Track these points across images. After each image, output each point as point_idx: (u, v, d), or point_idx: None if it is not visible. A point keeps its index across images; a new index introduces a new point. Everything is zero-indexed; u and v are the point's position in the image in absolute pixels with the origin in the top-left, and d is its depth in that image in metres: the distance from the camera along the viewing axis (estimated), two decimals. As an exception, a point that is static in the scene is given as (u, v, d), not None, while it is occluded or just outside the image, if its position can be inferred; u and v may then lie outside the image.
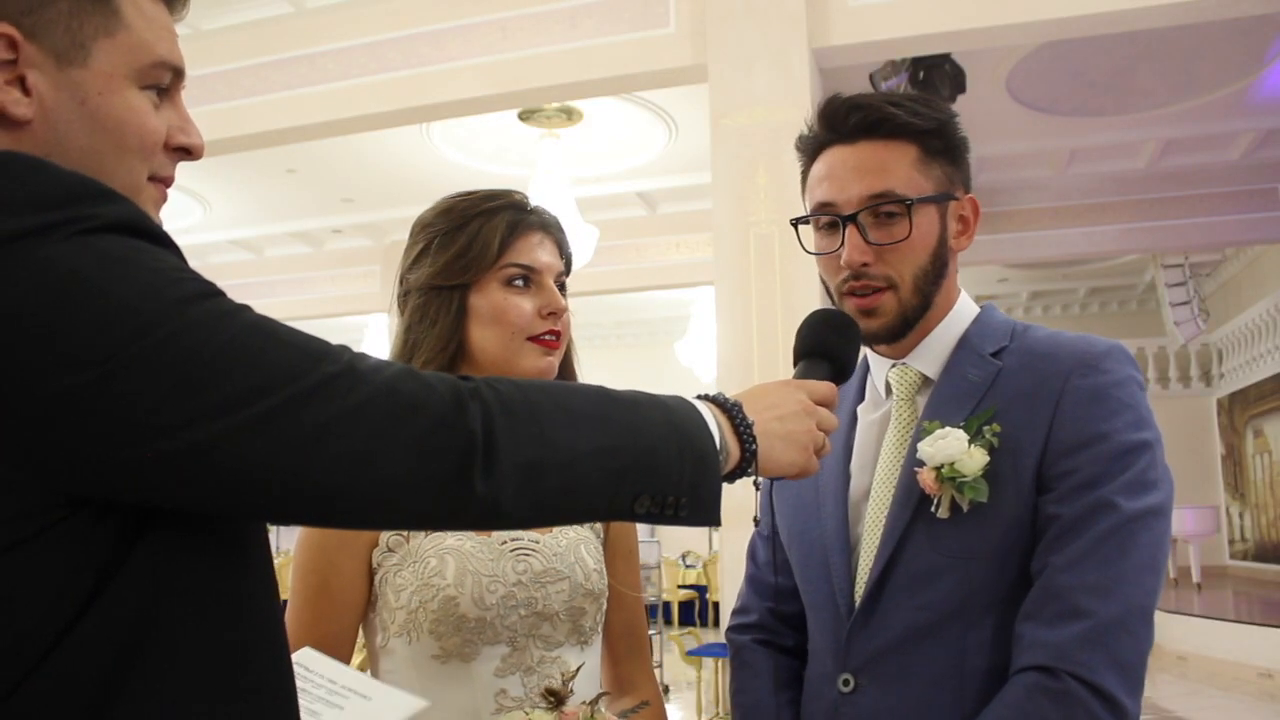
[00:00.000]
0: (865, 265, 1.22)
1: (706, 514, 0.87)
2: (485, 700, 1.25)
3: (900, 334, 1.25)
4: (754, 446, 0.92)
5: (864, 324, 1.24)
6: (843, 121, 1.25)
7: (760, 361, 4.45)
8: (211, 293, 0.72)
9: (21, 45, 0.76)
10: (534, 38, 5.16)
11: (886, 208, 1.21)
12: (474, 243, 1.33)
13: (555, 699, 1.20)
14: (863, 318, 1.24)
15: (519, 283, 1.34)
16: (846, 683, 1.22)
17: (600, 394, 0.85)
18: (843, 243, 1.23)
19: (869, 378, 1.34)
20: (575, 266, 1.43)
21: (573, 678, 1.23)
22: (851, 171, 1.23)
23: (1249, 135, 7.72)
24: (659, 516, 0.84)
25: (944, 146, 1.25)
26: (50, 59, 0.77)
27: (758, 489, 0.98)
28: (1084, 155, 8.10)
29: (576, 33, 5.10)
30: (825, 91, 4.83)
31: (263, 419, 0.68)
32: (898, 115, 1.23)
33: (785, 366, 4.56)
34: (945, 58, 5.54)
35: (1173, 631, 9.01)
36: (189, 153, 0.87)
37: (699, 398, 0.93)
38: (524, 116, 6.69)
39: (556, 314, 1.34)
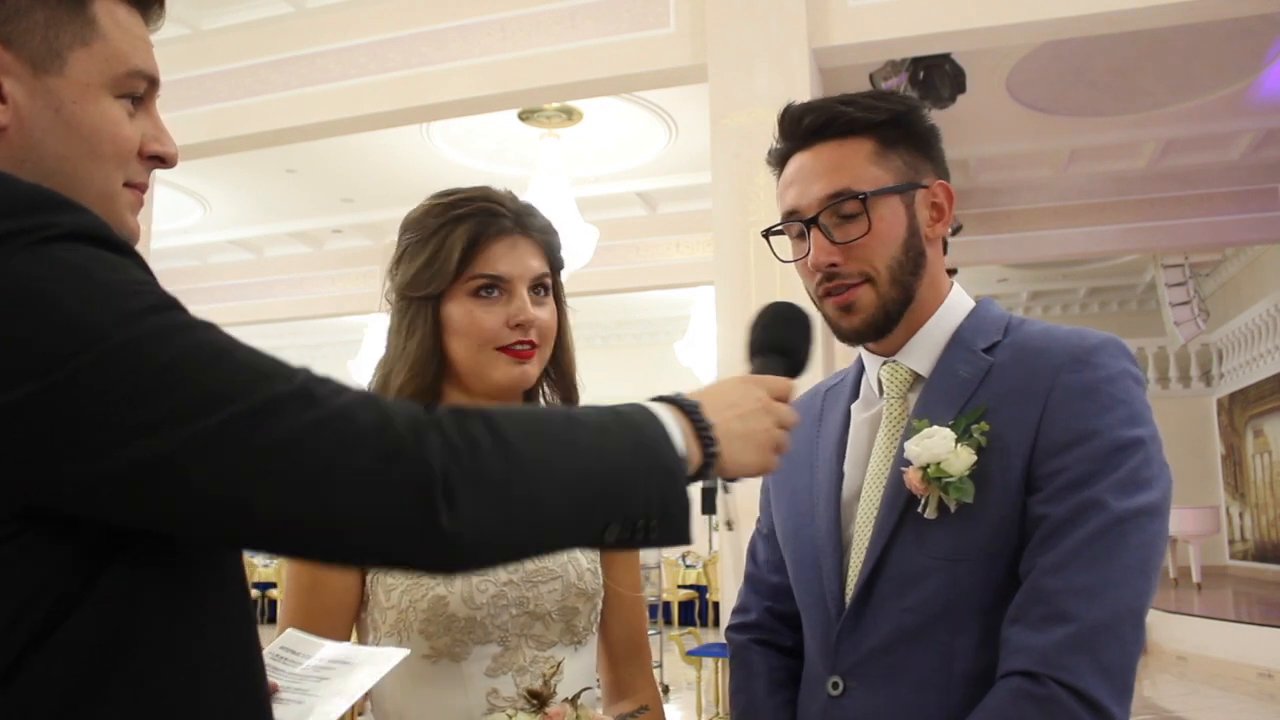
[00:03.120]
0: (834, 265, 1.22)
1: (678, 532, 0.84)
2: (477, 700, 1.24)
3: (884, 329, 1.24)
4: (714, 449, 0.89)
5: (845, 322, 1.23)
6: (797, 127, 1.26)
7: (760, 361, 4.43)
8: (166, 305, 0.70)
9: None
10: (534, 38, 5.16)
11: (845, 207, 1.21)
12: (437, 255, 1.30)
13: (538, 700, 1.18)
14: (844, 316, 1.23)
15: (486, 292, 1.30)
16: (835, 685, 1.20)
17: (566, 420, 0.82)
18: (810, 247, 1.23)
19: (864, 376, 1.33)
20: (575, 266, 1.43)
21: (554, 674, 1.21)
22: (810, 174, 1.24)
23: (1249, 135, 7.72)
24: (630, 542, 0.81)
25: (903, 135, 1.24)
26: (26, 67, 0.78)
27: (703, 494, 0.96)
28: (1084, 155, 8.09)
29: (576, 33, 5.10)
30: (825, 91, 4.84)
31: (206, 437, 0.66)
32: (847, 112, 1.23)
33: (785, 366, 4.57)
34: (945, 58, 5.54)
35: (1173, 631, 9.00)
36: (163, 161, 0.87)
37: (658, 399, 0.90)
38: (524, 116, 6.68)
39: (524, 325, 1.30)
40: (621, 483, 0.80)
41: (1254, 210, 8.64)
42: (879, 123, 1.23)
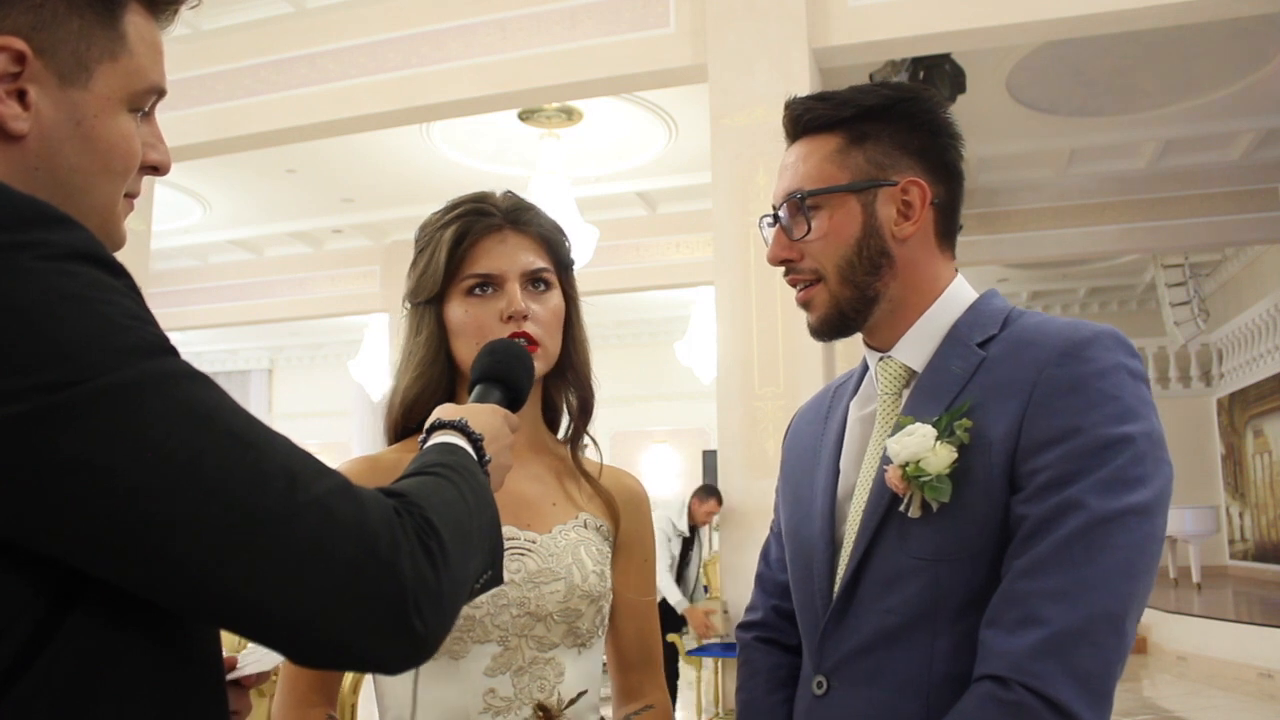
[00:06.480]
0: (790, 261, 1.23)
1: (499, 576, 0.91)
2: (474, 699, 1.23)
3: (843, 327, 1.24)
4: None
5: (808, 317, 1.26)
6: (786, 124, 1.28)
7: (760, 361, 4.45)
8: (160, 349, 0.69)
9: (29, 60, 0.76)
10: (534, 38, 5.16)
11: (798, 205, 1.22)
12: (430, 261, 1.33)
13: (545, 713, 1.17)
14: (806, 311, 1.26)
15: (480, 290, 1.32)
16: (819, 685, 1.20)
17: (460, 501, 0.85)
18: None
19: (868, 374, 1.31)
20: (575, 266, 1.42)
21: (573, 703, 1.19)
22: (783, 170, 1.26)
23: (1249, 135, 7.73)
24: (474, 593, 0.87)
25: (877, 130, 1.22)
26: (53, 77, 0.77)
27: None
28: (1084, 155, 8.10)
29: (576, 33, 5.10)
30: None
31: (186, 503, 0.65)
32: (816, 109, 1.23)
33: (785, 366, 4.58)
34: (945, 58, 5.54)
35: (1173, 631, 9.01)
36: (157, 170, 0.87)
37: (449, 426, 0.97)
38: (524, 116, 6.69)
39: (515, 318, 1.30)
40: (484, 549, 0.87)
41: (1254, 210, 8.65)
42: (845, 119, 1.22)
